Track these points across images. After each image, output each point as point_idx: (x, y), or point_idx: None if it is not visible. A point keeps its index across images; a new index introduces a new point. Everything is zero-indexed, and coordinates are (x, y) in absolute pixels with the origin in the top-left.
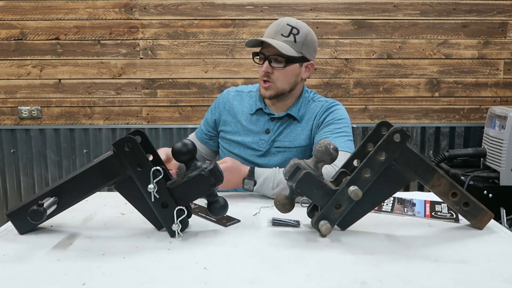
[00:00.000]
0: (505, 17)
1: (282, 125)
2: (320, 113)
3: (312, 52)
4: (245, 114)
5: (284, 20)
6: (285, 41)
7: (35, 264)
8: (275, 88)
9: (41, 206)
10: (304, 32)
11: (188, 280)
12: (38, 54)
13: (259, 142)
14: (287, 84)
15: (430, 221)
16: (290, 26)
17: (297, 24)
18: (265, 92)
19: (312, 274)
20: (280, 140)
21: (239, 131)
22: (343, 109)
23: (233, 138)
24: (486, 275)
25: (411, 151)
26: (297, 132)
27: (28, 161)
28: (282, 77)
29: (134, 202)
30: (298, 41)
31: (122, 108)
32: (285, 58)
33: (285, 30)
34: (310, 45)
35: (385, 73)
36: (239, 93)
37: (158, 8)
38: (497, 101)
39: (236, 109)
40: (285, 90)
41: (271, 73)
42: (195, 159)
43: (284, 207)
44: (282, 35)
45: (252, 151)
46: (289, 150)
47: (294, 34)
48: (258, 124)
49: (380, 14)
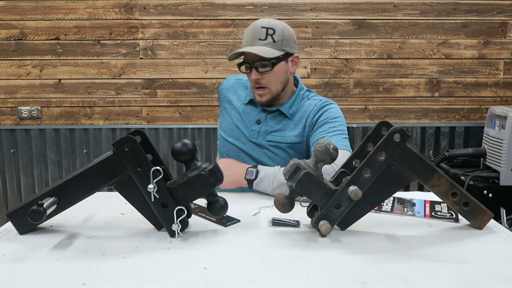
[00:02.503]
0: (505, 17)
1: (273, 119)
2: (313, 112)
3: (293, 45)
4: (240, 103)
5: (257, 23)
6: (265, 44)
7: (35, 264)
8: (270, 92)
9: (41, 206)
10: (279, 29)
11: (188, 280)
12: (38, 54)
13: (250, 132)
14: (280, 84)
15: (430, 221)
16: (264, 28)
17: (270, 23)
18: (261, 98)
19: (312, 274)
20: (273, 134)
21: (234, 117)
22: (337, 108)
23: (229, 125)
24: (486, 275)
25: (411, 151)
26: (289, 128)
27: (28, 161)
28: (273, 79)
29: (134, 202)
30: (277, 40)
31: (122, 108)
32: (270, 60)
33: (261, 34)
34: (289, 39)
35: (385, 73)
36: (239, 81)
37: (158, 8)
38: (497, 101)
39: (232, 96)
40: (279, 90)
41: (261, 79)
42: (195, 159)
43: (284, 207)
44: (260, 40)
45: (246, 141)
46: (281, 145)
47: (270, 35)
48: (251, 114)
49: (380, 14)
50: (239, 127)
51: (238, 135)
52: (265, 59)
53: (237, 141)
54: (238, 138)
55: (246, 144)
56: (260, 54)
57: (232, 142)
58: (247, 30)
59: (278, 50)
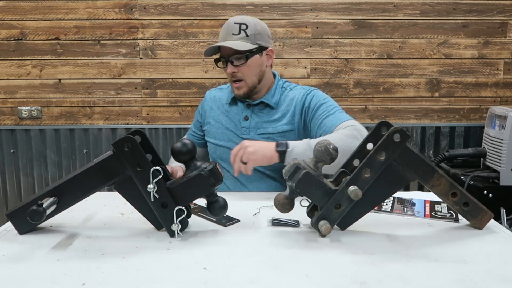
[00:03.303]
0: (505, 17)
1: (260, 111)
2: (301, 99)
3: (266, 39)
4: (222, 106)
5: (231, 20)
6: (238, 39)
7: (35, 264)
8: (246, 85)
9: (41, 206)
10: (252, 24)
11: (187, 280)
12: (38, 54)
13: (241, 129)
14: (255, 76)
15: (430, 221)
16: (237, 23)
17: (243, 19)
18: (238, 91)
19: (312, 274)
20: (263, 127)
21: (222, 120)
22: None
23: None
24: (486, 275)
25: (411, 151)
26: (277, 117)
27: (28, 161)
28: (248, 71)
29: (134, 202)
30: (250, 34)
31: (122, 108)
32: (244, 53)
33: (234, 29)
34: (263, 33)
35: (385, 73)
36: (220, 89)
37: (158, 8)
38: (497, 101)
39: (217, 103)
40: (255, 83)
41: (236, 72)
42: (195, 159)
43: (283, 207)
44: (233, 35)
45: (238, 139)
46: (274, 135)
47: (243, 30)
48: (237, 112)
49: (380, 14)
50: (229, 128)
51: (230, 136)
52: (239, 52)
53: (229, 142)
54: (230, 139)
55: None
56: (234, 47)
57: (223, 145)
58: (222, 28)
59: (251, 43)
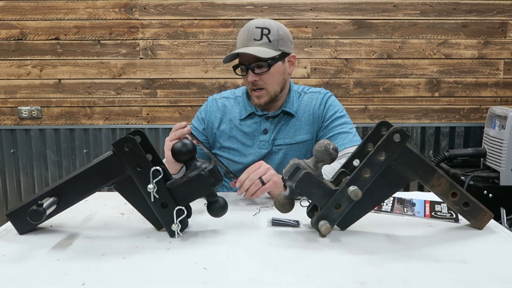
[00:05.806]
0: (505, 17)
1: (279, 122)
2: (318, 107)
3: (289, 44)
4: (237, 120)
5: (251, 24)
6: (260, 45)
7: (35, 264)
8: (268, 94)
9: (41, 206)
10: (275, 29)
11: (187, 280)
12: (38, 54)
13: (259, 144)
14: (277, 85)
15: (430, 221)
16: (259, 28)
17: (265, 23)
18: (259, 100)
19: (312, 274)
20: (280, 138)
21: (236, 135)
22: (336, 99)
23: (231, 145)
24: (486, 275)
25: (411, 151)
26: (296, 127)
27: (28, 161)
28: (270, 80)
29: (134, 202)
30: (272, 40)
31: (122, 108)
32: (267, 61)
33: (256, 34)
34: (285, 39)
35: (385, 73)
36: (227, 99)
37: (158, 8)
38: (497, 101)
39: (227, 115)
40: (277, 91)
41: (258, 80)
42: (194, 159)
43: (283, 207)
44: (255, 40)
45: (254, 155)
46: (291, 146)
47: (266, 35)
48: (253, 126)
49: (380, 14)
50: (245, 144)
51: (246, 152)
52: (262, 59)
53: (245, 158)
54: (245, 155)
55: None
56: (256, 55)
57: (240, 162)
58: (241, 31)
59: (274, 50)
